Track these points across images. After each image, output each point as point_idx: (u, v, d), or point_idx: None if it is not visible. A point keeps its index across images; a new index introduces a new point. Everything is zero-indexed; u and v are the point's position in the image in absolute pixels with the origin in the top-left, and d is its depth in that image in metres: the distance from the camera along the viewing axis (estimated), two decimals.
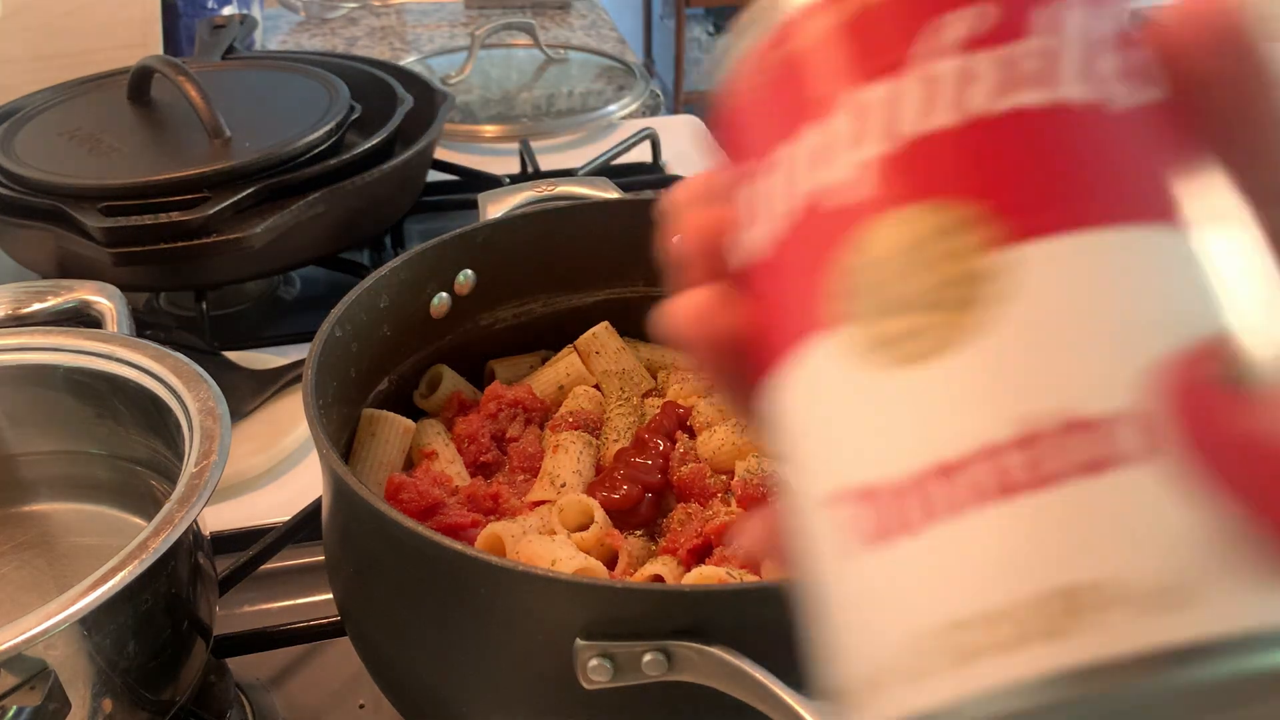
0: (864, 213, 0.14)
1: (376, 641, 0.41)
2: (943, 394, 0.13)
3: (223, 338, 0.69)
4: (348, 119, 0.74)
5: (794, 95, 0.16)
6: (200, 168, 0.67)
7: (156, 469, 0.47)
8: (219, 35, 0.89)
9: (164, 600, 0.39)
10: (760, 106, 0.16)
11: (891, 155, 0.14)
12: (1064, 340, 0.13)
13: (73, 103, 0.79)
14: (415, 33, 1.32)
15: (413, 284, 0.51)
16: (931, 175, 0.14)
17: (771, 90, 0.16)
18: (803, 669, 0.33)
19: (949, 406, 0.13)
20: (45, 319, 0.55)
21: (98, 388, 0.46)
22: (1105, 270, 0.13)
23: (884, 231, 0.14)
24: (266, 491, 0.58)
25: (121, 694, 0.38)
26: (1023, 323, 0.13)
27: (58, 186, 0.67)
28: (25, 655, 0.33)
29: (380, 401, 0.51)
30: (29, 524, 0.50)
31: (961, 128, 0.14)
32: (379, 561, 0.39)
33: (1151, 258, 0.13)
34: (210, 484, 0.38)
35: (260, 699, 0.47)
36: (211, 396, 0.42)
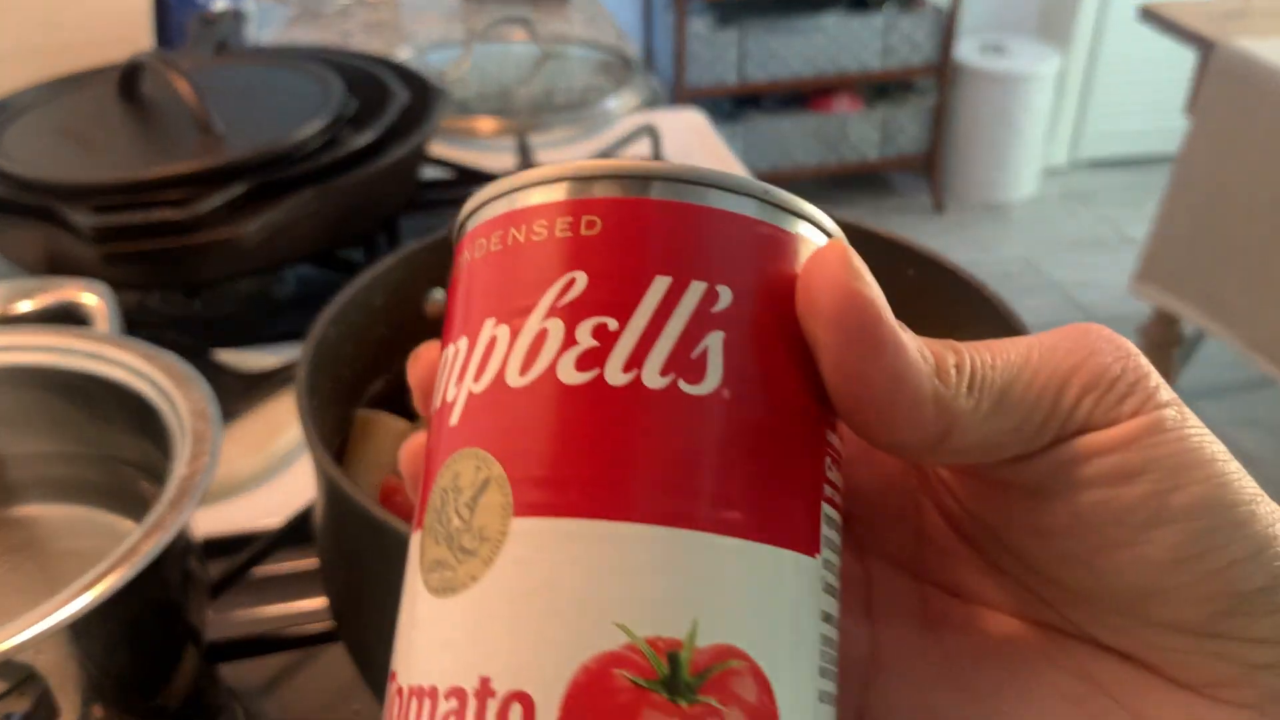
0: (452, 440, 0.16)
1: (370, 647, 0.41)
2: (440, 629, 0.16)
3: (214, 337, 0.69)
4: (342, 115, 0.74)
5: (461, 300, 0.18)
6: (192, 164, 0.66)
7: (146, 471, 0.46)
8: (211, 30, 0.89)
9: (155, 605, 0.39)
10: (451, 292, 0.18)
11: (476, 396, 0.16)
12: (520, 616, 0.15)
13: (62, 99, 0.78)
14: (410, 27, 1.32)
15: (408, 282, 0.50)
16: (487, 426, 0.16)
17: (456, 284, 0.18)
18: None
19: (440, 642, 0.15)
20: (34, 318, 0.54)
21: (87, 388, 0.46)
22: (571, 559, 0.15)
23: (454, 463, 0.16)
24: (259, 494, 0.58)
25: (112, 700, 0.37)
26: (497, 589, 0.15)
27: (47, 183, 0.66)
28: (14, 661, 0.33)
29: (375, 402, 0.50)
30: (17, 527, 0.49)
31: (522, 388, 0.16)
32: (373, 566, 0.38)
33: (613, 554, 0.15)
34: (201, 487, 0.38)
35: (253, 705, 0.47)
36: (203, 397, 0.42)
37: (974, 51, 2.60)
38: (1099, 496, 0.17)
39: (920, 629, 0.20)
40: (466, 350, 0.17)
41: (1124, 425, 0.17)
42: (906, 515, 0.20)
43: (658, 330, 0.16)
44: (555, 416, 0.15)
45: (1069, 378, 0.17)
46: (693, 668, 0.15)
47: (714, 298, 0.16)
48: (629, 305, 0.16)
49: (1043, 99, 2.59)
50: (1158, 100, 2.66)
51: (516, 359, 0.16)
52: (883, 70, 2.55)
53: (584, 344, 0.16)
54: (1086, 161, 2.85)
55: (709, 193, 0.16)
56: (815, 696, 0.16)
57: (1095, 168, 2.85)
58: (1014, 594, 0.19)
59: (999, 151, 2.64)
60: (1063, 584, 0.18)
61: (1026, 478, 0.17)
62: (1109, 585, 0.17)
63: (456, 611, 0.15)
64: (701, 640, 0.15)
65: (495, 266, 0.17)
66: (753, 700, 0.15)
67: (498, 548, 0.15)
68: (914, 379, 0.16)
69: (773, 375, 0.16)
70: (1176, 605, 0.17)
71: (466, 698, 0.15)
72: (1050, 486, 0.17)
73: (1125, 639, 0.18)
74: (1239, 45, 1.40)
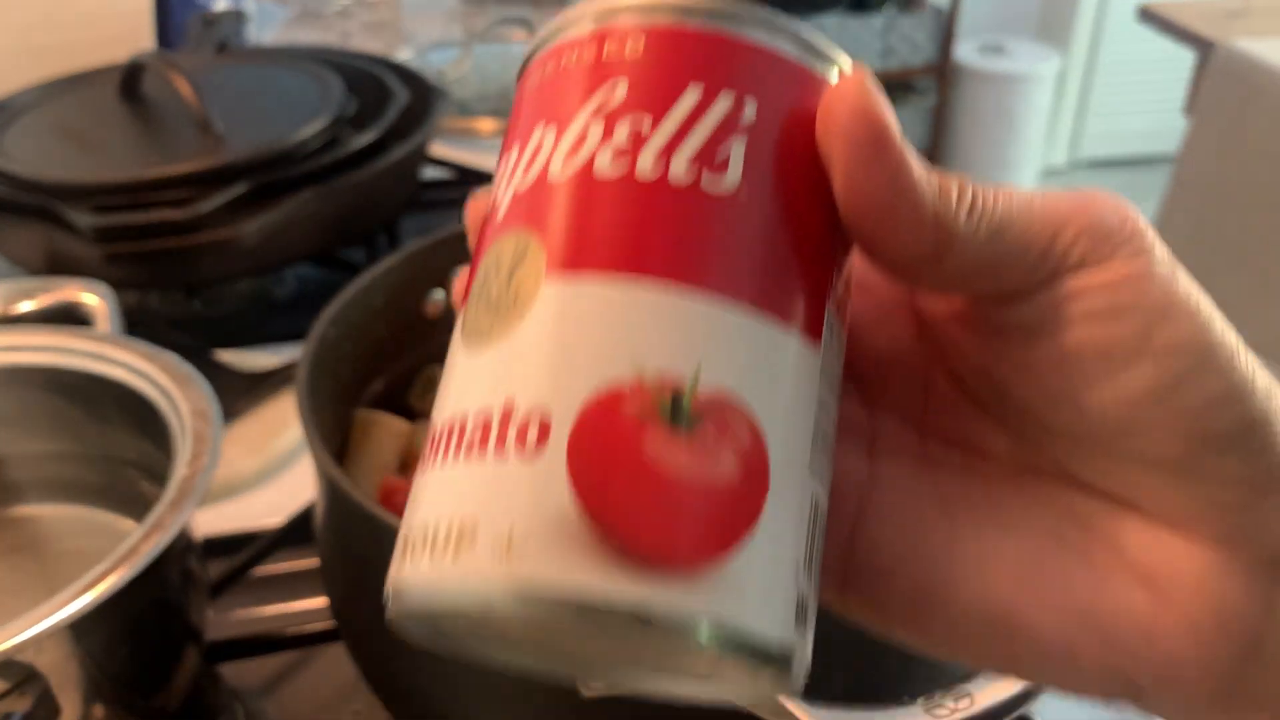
0: (496, 231, 0.19)
1: (371, 647, 0.41)
2: (472, 373, 0.18)
3: (214, 337, 0.69)
4: (342, 115, 0.74)
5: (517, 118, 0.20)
6: (192, 164, 0.66)
7: (147, 471, 0.46)
8: (211, 30, 0.89)
9: (155, 605, 0.39)
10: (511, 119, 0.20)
11: (521, 192, 0.19)
12: (543, 353, 0.17)
13: (63, 99, 0.78)
14: (410, 27, 1.32)
15: (408, 283, 0.50)
16: (530, 212, 0.18)
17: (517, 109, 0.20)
18: None
19: (471, 382, 0.18)
20: (34, 318, 0.54)
21: (87, 388, 0.46)
22: (592, 307, 0.17)
23: (496, 247, 0.19)
24: (259, 494, 0.58)
25: (112, 700, 0.37)
26: (526, 335, 0.17)
27: (48, 183, 0.66)
28: (15, 660, 0.33)
29: (375, 402, 0.50)
30: (17, 527, 0.49)
31: (563, 180, 0.18)
32: (373, 566, 0.38)
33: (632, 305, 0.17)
34: (201, 487, 0.38)
35: (253, 705, 0.47)
36: (203, 397, 0.42)
37: (974, 52, 2.59)
38: (1087, 333, 0.18)
39: (917, 469, 0.21)
40: (517, 156, 0.19)
41: (1116, 266, 0.18)
42: (916, 376, 0.22)
43: (686, 131, 0.18)
44: (590, 199, 0.18)
45: (1068, 220, 0.18)
46: (693, 406, 0.16)
47: (741, 109, 0.18)
48: (662, 108, 0.18)
49: (1042, 99, 2.59)
50: (1157, 100, 2.66)
51: (560, 155, 0.18)
52: (882, 71, 2.55)
53: (620, 141, 0.18)
54: (1086, 161, 2.85)
55: (750, 26, 0.18)
56: (806, 465, 0.18)
57: (1095, 168, 2.85)
58: (1007, 441, 0.20)
59: (999, 152, 2.64)
60: (1051, 425, 0.19)
61: (1022, 317, 0.19)
62: (1092, 422, 0.18)
63: (488, 357, 0.17)
64: (703, 384, 0.17)
65: (549, 84, 0.19)
66: (745, 444, 0.17)
67: (530, 303, 0.17)
68: (915, 193, 0.17)
69: (789, 185, 0.18)
70: (1153, 441, 0.18)
71: (491, 416, 0.17)
72: (1043, 325, 0.18)
73: (1106, 478, 0.19)
74: (1238, 45, 1.40)
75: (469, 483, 0.17)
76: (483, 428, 0.17)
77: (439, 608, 0.17)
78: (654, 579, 0.16)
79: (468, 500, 0.16)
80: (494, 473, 0.16)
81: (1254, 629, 0.18)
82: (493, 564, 0.16)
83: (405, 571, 0.17)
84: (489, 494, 0.16)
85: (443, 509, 0.17)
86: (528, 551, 0.16)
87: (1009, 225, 0.18)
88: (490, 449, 0.16)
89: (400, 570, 0.17)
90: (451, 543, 0.16)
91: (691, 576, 0.16)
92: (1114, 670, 0.18)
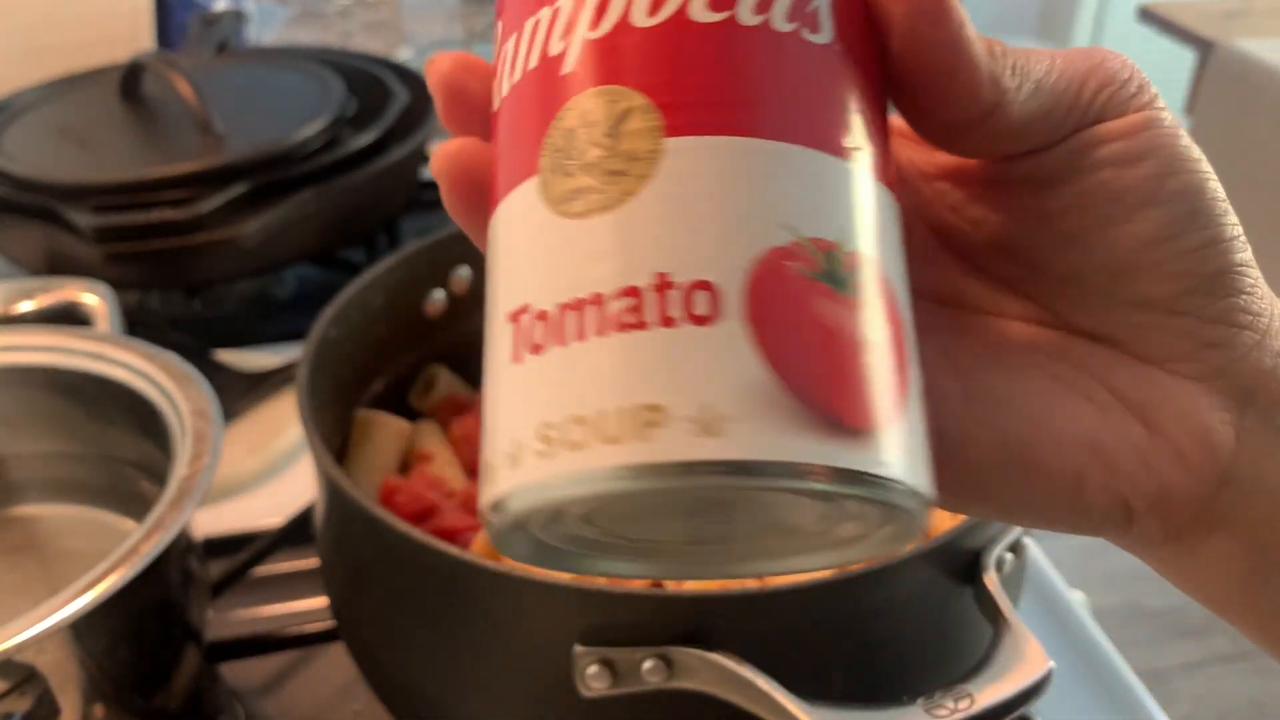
0: (568, 87, 0.17)
1: (371, 647, 0.41)
2: (593, 243, 0.16)
3: (214, 337, 0.69)
4: (341, 115, 0.74)
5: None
6: (192, 164, 0.66)
7: (147, 471, 0.46)
8: (211, 30, 0.89)
9: (155, 605, 0.39)
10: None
11: (598, 40, 0.17)
12: (691, 219, 0.16)
13: (63, 99, 0.78)
14: (410, 27, 1.32)
15: (408, 282, 0.51)
16: (619, 65, 0.17)
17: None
18: (805, 675, 0.32)
19: (596, 254, 0.16)
20: (34, 318, 0.54)
21: (87, 388, 0.46)
22: (733, 169, 0.16)
23: (577, 104, 0.17)
24: (259, 494, 0.58)
25: (113, 699, 0.37)
26: (660, 199, 0.16)
27: (48, 183, 0.66)
28: (15, 660, 0.33)
29: (375, 402, 0.50)
30: (18, 527, 0.49)
31: (652, 28, 0.17)
32: (373, 566, 0.39)
33: (774, 167, 0.16)
34: (201, 487, 0.38)
35: (253, 705, 0.47)
36: (203, 397, 0.42)
37: None
38: (1105, 177, 0.19)
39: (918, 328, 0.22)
40: (573, 6, 0.18)
41: (1131, 116, 0.19)
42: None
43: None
44: (695, 48, 0.17)
45: (1087, 76, 0.19)
46: (846, 264, 0.16)
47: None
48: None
49: None
50: None
51: (642, 2, 0.17)
52: None
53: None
54: None
55: None
56: (913, 320, 0.18)
57: None
58: (998, 293, 0.22)
59: None
60: (1054, 270, 0.21)
61: (1038, 169, 0.20)
62: (1095, 262, 0.20)
63: (611, 226, 0.16)
64: (850, 245, 0.17)
65: None
66: (892, 304, 0.17)
67: (653, 164, 0.16)
68: (973, 52, 0.18)
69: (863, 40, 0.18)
70: (1149, 281, 0.20)
71: (643, 293, 0.16)
72: (1061, 174, 0.20)
73: (1101, 320, 0.20)
74: (1238, 45, 1.40)
75: (629, 361, 0.15)
76: (633, 301, 0.16)
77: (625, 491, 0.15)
78: (852, 442, 0.15)
79: (636, 378, 0.15)
80: (662, 348, 0.15)
81: (1229, 453, 0.20)
82: (695, 442, 0.15)
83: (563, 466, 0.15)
84: (664, 369, 0.15)
85: (610, 390, 0.15)
86: (736, 426, 0.15)
87: (1043, 83, 0.19)
88: (653, 323, 0.15)
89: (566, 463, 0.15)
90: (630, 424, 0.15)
91: (879, 436, 0.16)
92: (1116, 498, 0.20)
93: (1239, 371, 0.20)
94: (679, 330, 0.15)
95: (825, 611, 0.35)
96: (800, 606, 0.34)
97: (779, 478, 0.15)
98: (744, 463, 0.15)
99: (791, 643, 0.35)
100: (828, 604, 0.35)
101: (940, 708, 0.31)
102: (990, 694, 0.32)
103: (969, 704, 0.31)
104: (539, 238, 0.17)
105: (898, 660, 0.37)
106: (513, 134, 0.18)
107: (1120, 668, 0.49)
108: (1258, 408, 0.20)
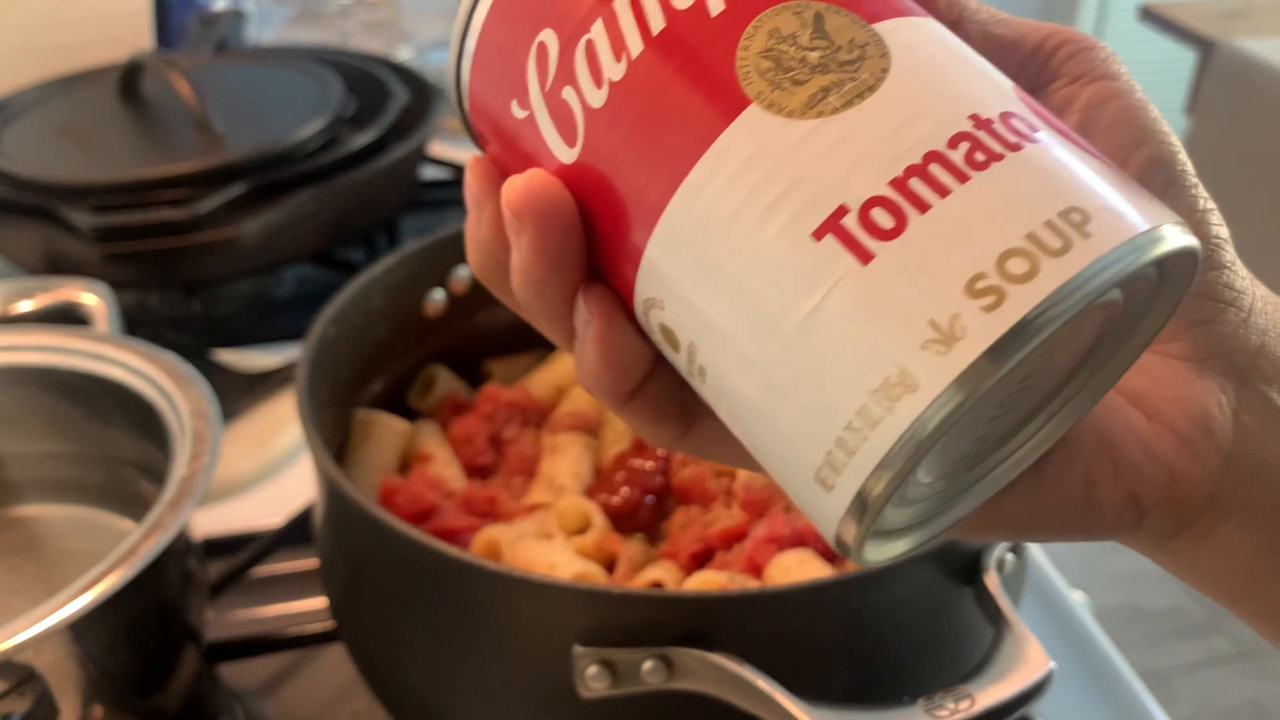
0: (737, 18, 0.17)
1: (370, 648, 0.41)
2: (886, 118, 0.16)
3: (214, 337, 0.68)
4: (341, 115, 0.73)
5: None
6: (191, 164, 0.66)
7: (146, 471, 0.46)
8: (211, 29, 0.88)
9: (154, 605, 0.39)
10: None
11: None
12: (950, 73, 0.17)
13: (62, 98, 0.78)
14: (410, 27, 1.31)
15: (408, 282, 0.50)
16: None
17: None
18: (806, 676, 0.32)
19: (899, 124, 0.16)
20: (34, 318, 0.54)
21: (86, 388, 0.46)
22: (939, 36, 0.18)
23: (762, 24, 0.17)
24: (258, 495, 0.58)
25: (111, 700, 0.37)
26: (914, 65, 0.17)
27: (47, 183, 0.66)
28: (14, 661, 0.33)
29: (374, 402, 0.50)
30: (17, 527, 0.49)
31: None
32: (373, 566, 0.38)
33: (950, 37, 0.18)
34: (200, 487, 0.38)
35: (253, 705, 0.47)
36: (202, 397, 0.42)
37: None
38: None
39: None
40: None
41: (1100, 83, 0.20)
42: None
43: None
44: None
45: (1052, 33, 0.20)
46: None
47: None
48: None
49: None
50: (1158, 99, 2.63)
51: None
52: None
53: None
54: None
55: None
56: None
57: None
58: None
59: None
60: None
61: None
62: None
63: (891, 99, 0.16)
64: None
65: None
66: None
67: (883, 44, 0.17)
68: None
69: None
70: None
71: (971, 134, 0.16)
72: None
73: None
74: (1239, 44, 1.40)
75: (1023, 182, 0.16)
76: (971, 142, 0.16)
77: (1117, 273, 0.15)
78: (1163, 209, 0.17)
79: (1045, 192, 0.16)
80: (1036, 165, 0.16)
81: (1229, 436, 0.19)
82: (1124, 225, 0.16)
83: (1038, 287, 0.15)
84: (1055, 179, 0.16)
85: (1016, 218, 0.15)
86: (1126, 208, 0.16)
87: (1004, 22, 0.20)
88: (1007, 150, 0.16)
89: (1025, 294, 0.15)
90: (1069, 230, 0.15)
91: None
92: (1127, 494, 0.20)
93: (1229, 349, 0.19)
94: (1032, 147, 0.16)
95: (825, 612, 0.35)
96: (800, 607, 0.34)
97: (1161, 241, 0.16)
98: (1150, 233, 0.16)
99: (792, 643, 0.34)
100: (828, 604, 0.35)
101: (941, 708, 0.31)
102: (991, 694, 0.32)
103: (969, 704, 0.31)
104: (803, 146, 0.16)
105: (898, 661, 0.37)
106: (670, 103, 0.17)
107: (1121, 668, 0.49)
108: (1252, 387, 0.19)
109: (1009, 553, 0.38)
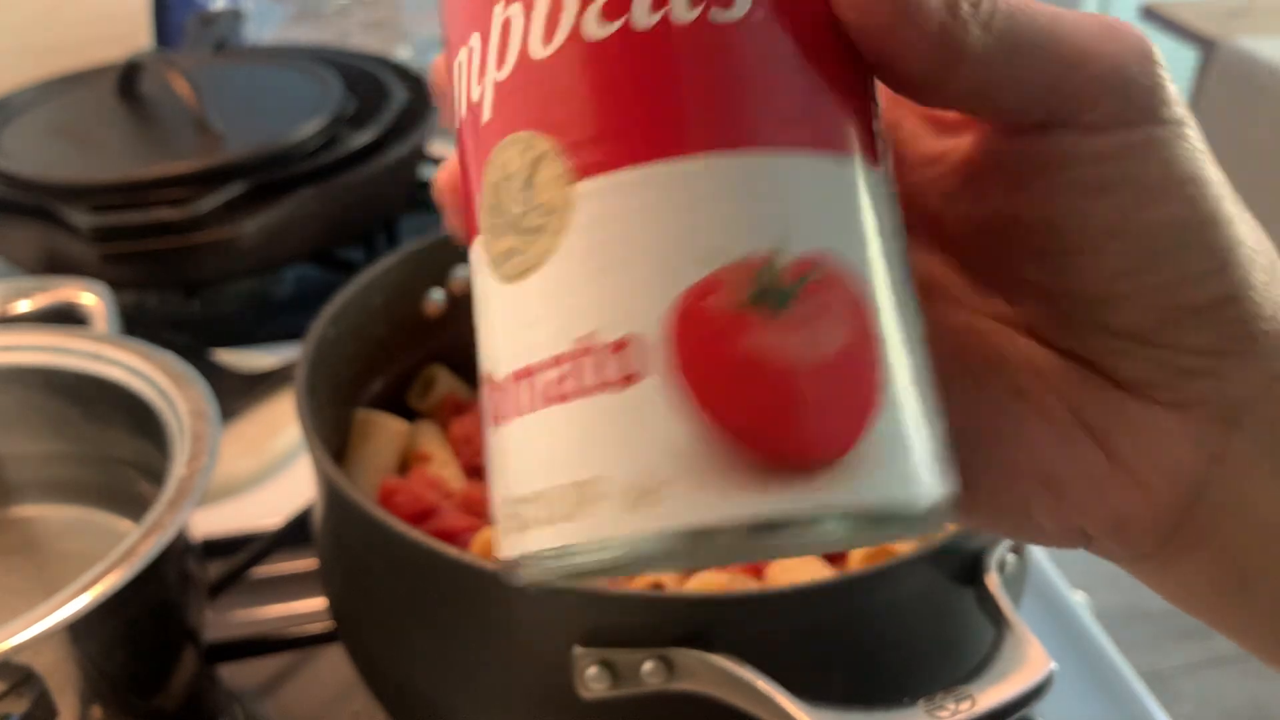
0: (489, 136, 0.16)
1: (370, 648, 0.41)
2: (527, 309, 0.16)
3: (213, 337, 0.68)
4: (340, 114, 0.73)
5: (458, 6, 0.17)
6: (190, 164, 0.66)
7: (145, 471, 0.46)
8: (209, 29, 0.88)
9: (153, 606, 0.39)
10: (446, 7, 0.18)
11: (504, 82, 0.16)
12: (605, 271, 0.15)
13: (61, 98, 0.78)
14: (410, 26, 1.31)
15: (407, 282, 0.50)
16: (525, 107, 0.16)
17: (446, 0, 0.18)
18: (806, 677, 0.32)
19: (529, 321, 0.16)
20: (32, 318, 0.54)
21: (85, 388, 0.46)
22: (644, 205, 0.15)
23: (498, 156, 0.16)
24: (257, 495, 0.58)
25: (110, 701, 0.37)
26: (576, 254, 0.15)
27: (45, 183, 0.66)
28: (12, 661, 0.33)
29: (374, 402, 0.50)
30: (15, 528, 0.49)
31: (549, 58, 0.15)
32: (372, 567, 0.38)
33: (687, 191, 0.15)
34: (199, 487, 0.38)
35: (252, 706, 0.47)
36: (201, 397, 0.42)
37: None
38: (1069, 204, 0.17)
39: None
40: (480, 46, 0.16)
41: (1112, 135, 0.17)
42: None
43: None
44: (590, 74, 0.15)
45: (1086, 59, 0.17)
46: (786, 277, 0.15)
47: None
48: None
49: None
50: None
51: (537, 31, 0.15)
52: None
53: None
54: None
55: None
56: (910, 298, 0.16)
57: None
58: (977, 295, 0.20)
59: None
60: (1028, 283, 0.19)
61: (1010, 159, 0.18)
62: (1070, 286, 0.18)
63: (537, 290, 0.15)
64: (792, 250, 0.15)
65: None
66: (851, 304, 0.15)
67: (566, 216, 0.15)
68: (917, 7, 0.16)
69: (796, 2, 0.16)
70: (1127, 312, 0.18)
71: (569, 360, 0.15)
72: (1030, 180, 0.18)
73: (1076, 342, 0.19)
74: (1240, 44, 1.40)
75: (569, 433, 0.15)
76: (560, 371, 0.15)
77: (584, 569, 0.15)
78: (803, 479, 0.14)
79: (575, 453, 0.15)
80: (589, 418, 0.15)
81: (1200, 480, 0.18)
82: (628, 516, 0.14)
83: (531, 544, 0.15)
84: (593, 440, 0.15)
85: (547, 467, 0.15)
86: (667, 492, 0.14)
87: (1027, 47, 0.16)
88: (578, 392, 0.15)
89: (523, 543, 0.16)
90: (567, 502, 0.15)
91: (839, 464, 0.14)
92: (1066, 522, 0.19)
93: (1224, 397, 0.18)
94: (602, 397, 0.15)
95: (826, 613, 0.35)
96: (801, 608, 0.34)
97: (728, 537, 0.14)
98: (685, 530, 0.14)
99: (792, 644, 0.34)
100: (828, 605, 0.34)
101: (941, 709, 0.31)
102: (992, 695, 0.32)
103: (970, 705, 0.31)
104: (490, 302, 0.16)
105: (899, 661, 0.37)
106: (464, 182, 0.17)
107: (1122, 669, 0.49)
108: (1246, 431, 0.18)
109: (1010, 553, 0.38)
